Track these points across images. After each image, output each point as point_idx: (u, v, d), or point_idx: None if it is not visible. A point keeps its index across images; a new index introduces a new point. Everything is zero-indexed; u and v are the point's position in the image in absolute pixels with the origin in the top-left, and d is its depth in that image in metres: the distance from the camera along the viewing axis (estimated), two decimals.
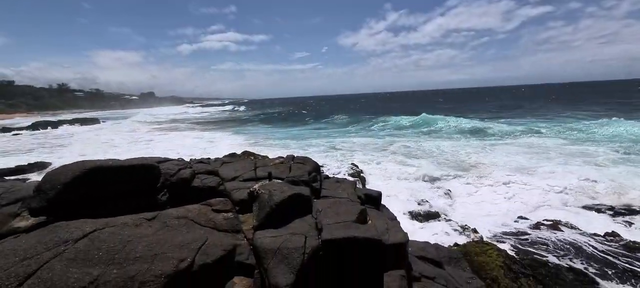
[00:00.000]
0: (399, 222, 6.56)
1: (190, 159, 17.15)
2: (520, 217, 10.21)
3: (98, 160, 4.18)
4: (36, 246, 3.16)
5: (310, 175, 5.86)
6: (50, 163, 19.09)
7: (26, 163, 18.59)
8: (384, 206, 7.65)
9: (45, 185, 3.75)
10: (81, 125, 51.09)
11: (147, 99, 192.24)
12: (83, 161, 4.12)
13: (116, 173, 4.11)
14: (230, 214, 4.57)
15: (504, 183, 13.12)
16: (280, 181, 5.29)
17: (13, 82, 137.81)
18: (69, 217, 3.82)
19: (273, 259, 3.63)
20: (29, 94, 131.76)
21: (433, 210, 11.06)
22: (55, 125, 48.12)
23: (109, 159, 4.31)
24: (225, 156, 17.82)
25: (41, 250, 3.13)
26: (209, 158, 16.78)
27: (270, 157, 17.06)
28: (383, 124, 31.43)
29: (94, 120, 57.13)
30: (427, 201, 11.78)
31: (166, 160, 5.52)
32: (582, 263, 7.46)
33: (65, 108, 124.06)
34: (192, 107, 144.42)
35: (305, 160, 6.46)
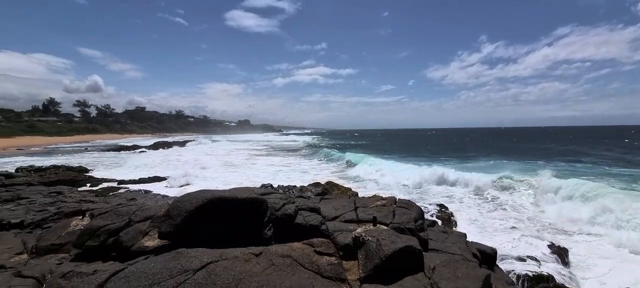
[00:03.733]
0: None
1: (278, 186, 17.83)
2: None
3: (216, 190, 4.39)
4: (162, 271, 3.32)
5: (416, 222, 5.30)
6: (164, 178, 22.01)
7: (146, 177, 21.76)
8: (498, 266, 6.55)
9: (173, 211, 4.04)
10: (190, 146, 58.75)
11: (243, 125, 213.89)
12: (204, 190, 4.37)
13: (231, 205, 4.24)
14: (333, 259, 4.30)
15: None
16: (385, 227, 4.86)
17: (144, 108, 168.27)
18: (188, 242, 4.02)
19: None
20: (155, 118, 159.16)
21: (544, 272, 9.04)
22: (169, 145, 56.42)
23: (226, 190, 4.49)
24: (309, 185, 18.05)
25: (166, 277, 3.26)
26: (294, 186, 17.24)
27: (353, 189, 16.73)
28: (478, 162, 28.29)
29: (200, 143, 65.37)
30: (535, 259, 9.70)
31: (271, 191, 5.61)
32: None
33: (179, 131, 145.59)
34: (280, 134, 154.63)
35: (409, 205, 5.93)
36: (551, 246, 10.16)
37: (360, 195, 13.50)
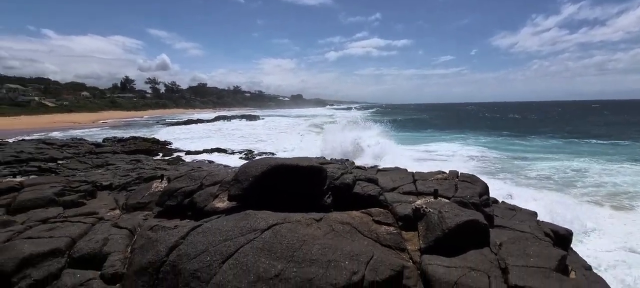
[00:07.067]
0: (600, 278, 5.01)
1: (332, 159, 18.05)
2: None
3: (280, 158, 4.58)
4: (234, 229, 3.61)
5: (481, 197, 5.03)
6: (224, 150, 23.47)
7: (209, 148, 23.42)
8: (572, 249, 6.01)
9: (241, 176, 4.33)
10: (247, 120, 61.60)
11: (297, 100, 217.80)
12: (268, 158, 4.59)
13: (294, 172, 4.42)
14: (392, 229, 4.29)
15: None
16: (447, 200, 4.69)
17: (206, 84, 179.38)
18: (254, 206, 4.29)
19: None
20: (215, 93, 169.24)
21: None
22: (229, 118, 59.75)
23: (287, 158, 4.66)
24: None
25: (237, 234, 3.55)
26: (347, 160, 17.26)
27: (400, 163, 16.30)
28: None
29: (256, 117, 68.05)
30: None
31: (329, 162, 5.70)
32: None
33: (237, 105, 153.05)
34: (334, 108, 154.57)
35: (473, 179, 5.63)
36: None
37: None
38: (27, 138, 24.89)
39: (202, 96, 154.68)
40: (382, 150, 18.05)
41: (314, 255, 3.30)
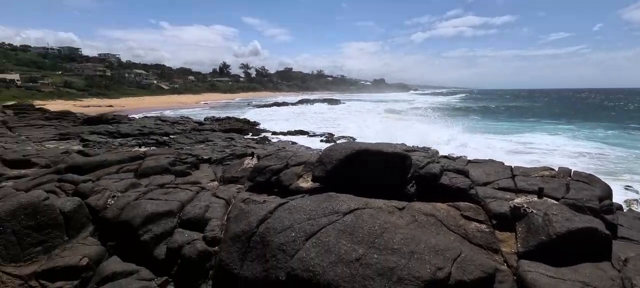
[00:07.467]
0: None
1: (415, 147, 17.27)
2: None
3: (363, 143, 4.54)
4: (317, 209, 3.72)
5: (601, 202, 4.23)
6: (306, 132, 24.37)
7: (293, 130, 24.59)
8: None
9: (325, 158, 4.43)
10: (329, 104, 62.80)
11: (379, 85, 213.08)
12: (352, 142, 4.59)
13: (377, 158, 4.33)
14: (484, 227, 3.91)
15: None
16: (554, 202, 4.07)
17: (291, 68, 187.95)
18: (336, 188, 4.36)
19: None
20: (299, 77, 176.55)
21: None
22: (312, 102, 61.75)
23: (371, 143, 4.59)
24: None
25: (320, 214, 3.65)
26: (430, 148, 16.31)
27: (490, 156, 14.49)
28: None
29: (337, 101, 68.84)
30: None
31: (413, 149, 5.44)
32: None
33: (320, 89, 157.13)
34: (417, 94, 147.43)
35: (590, 180, 4.76)
36: None
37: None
38: (148, 115, 29.76)
39: (287, 80, 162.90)
40: (455, 150, 16.10)
41: (396, 244, 3.21)
